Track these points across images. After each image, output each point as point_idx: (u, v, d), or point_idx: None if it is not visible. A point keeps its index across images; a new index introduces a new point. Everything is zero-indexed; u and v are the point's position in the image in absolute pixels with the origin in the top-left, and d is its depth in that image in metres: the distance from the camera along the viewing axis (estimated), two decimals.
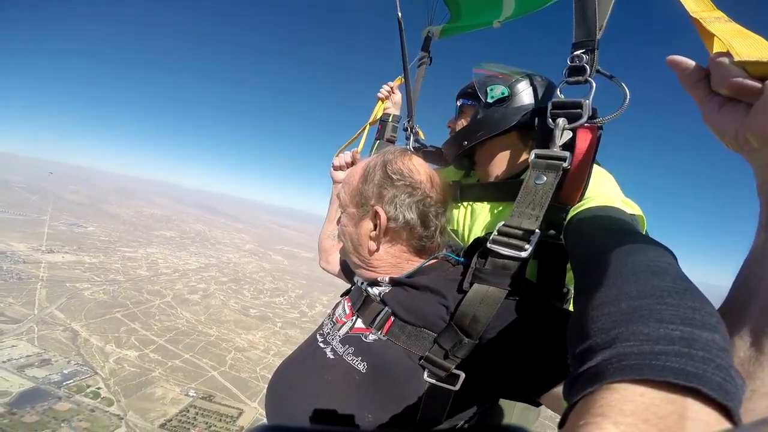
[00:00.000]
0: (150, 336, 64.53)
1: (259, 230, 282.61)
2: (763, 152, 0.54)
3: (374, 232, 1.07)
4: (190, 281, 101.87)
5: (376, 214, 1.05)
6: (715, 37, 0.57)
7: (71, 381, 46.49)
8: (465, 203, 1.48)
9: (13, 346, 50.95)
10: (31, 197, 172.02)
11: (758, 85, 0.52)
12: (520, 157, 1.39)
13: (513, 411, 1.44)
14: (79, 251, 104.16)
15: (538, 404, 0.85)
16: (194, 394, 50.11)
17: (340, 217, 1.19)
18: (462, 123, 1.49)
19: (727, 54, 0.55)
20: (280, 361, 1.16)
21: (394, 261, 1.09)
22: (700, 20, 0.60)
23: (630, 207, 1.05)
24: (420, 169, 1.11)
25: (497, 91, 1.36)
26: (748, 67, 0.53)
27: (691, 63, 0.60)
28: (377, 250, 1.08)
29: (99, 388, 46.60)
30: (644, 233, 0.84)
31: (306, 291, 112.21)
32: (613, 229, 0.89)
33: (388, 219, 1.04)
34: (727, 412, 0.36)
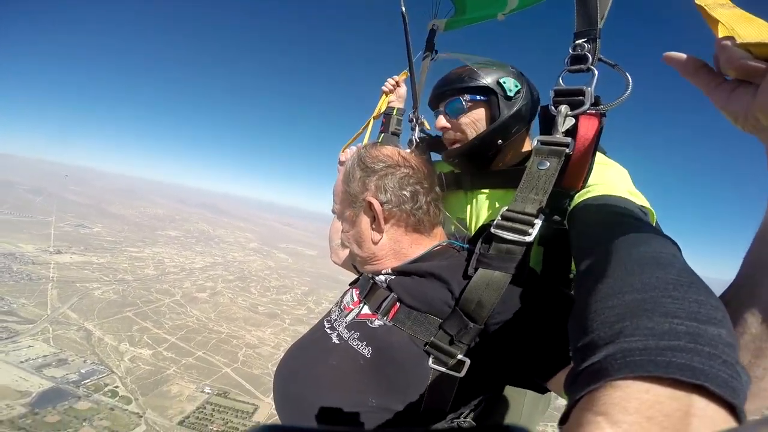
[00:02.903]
0: (162, 334, 65.13)
1: (262, 229, 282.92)
2: None
3: (374, 224, 1.08)
4: (198, 280, 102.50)
5: (369, 205, 1.06)
6: (720, 23, 0.59)
7: (89, 380, 47.05)
8: (470, 192, 1.48)
9: (30, 346, 51.52)
10: (35, 199, 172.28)
11: (763, 65, 0.54)
12: (523, 146, 1.44)
13: (524, 400, 1.39)
14: (86, 252, 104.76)
15: (544, 390, 0.85)
16: (209, 391, 50.67)
17: (342, 228, 1.20)
18: (471, 120, 1.39)
19: (732, 38, 0.56)
20: None
21: (397, 247, 1.09)
22: (705, 7, 0.62)
23: (637, 198, 1.03)
24: (393, 153, 1.13)
25: (511, 84, 1.32)
26: (752, 49, 0.55)
27: (684, 56, 0.64)
28: (381, 238, 1.09)
29: (116, 387, 47.19)
30: (653, 225, 0.84)
31: (312, 288, 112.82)
32: (617, 219, 0.87)
33: (382, 204, 1.05)
34: (732, 409, 0.36)
